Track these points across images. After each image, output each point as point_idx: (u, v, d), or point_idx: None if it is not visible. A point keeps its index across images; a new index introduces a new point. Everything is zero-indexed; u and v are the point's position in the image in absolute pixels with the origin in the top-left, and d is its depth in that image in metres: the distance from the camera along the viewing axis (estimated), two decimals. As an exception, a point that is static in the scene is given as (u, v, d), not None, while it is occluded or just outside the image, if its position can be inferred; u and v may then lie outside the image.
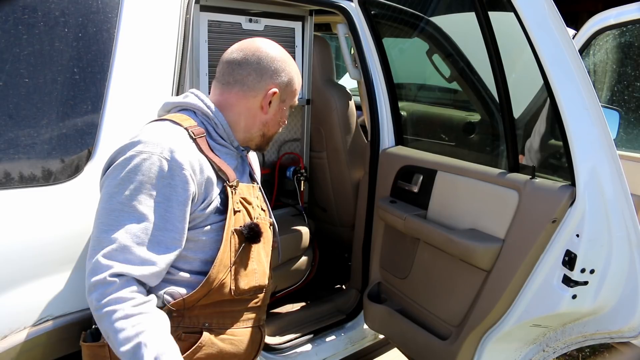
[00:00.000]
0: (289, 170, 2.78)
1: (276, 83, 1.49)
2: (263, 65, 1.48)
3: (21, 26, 1.48)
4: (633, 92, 2.94)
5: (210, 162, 1.41)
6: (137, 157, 1.30)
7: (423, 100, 3.27)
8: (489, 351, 1.97)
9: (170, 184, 1.31)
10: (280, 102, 1.52)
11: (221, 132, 1.48)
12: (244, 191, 1.51)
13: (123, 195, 1.28)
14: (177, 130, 1.39)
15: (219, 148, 1.48)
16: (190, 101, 1.47)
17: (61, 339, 1.50)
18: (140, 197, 1.29)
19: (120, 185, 1.29)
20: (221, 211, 1.43)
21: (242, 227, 1.45)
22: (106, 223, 1.28)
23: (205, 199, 1.39)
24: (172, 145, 1.33)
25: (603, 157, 1.67)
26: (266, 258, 1.59)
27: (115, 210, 1.28)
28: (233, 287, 1.45)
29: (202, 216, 1.39)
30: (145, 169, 1.29)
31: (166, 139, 1.34)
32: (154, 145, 1.32)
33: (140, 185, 1.29)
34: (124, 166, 1.30)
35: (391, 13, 2.62)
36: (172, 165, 1.31)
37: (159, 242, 1.30)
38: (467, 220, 2.04)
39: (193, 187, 1.34)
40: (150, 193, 1.29)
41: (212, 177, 1.40)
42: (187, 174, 1.33)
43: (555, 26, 1.63)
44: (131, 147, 1.33)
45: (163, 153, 1.31)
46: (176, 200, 1.32)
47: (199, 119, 1.47)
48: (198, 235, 1.40)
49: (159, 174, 1.30)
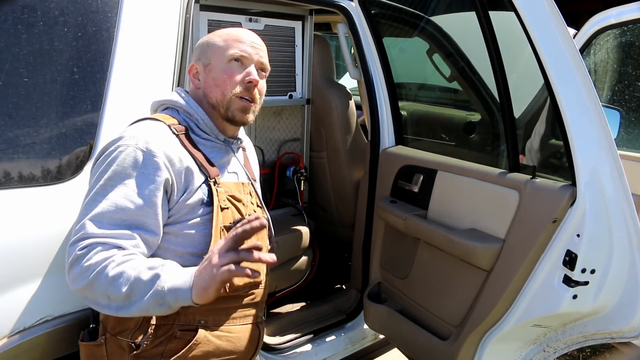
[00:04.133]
0: (289, 170, 2.78)
1: (192, 62, 1.55)
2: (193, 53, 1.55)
3: (21, 26, 1.47)
4: (634, 91, 2.94)
5: (193, 158, 1.43)
6: (115, 151, 1.35)
7: (423, 100, 3.27)
8: (490, 351, 1.97)
9: (143, 172, 1.34)
10: (204, 67, 1.51)
11: (203, 126, 1.50)
12: (232, 189, 1.51)
13: (97, 186, 1.32)
14: (156, 125, 1.43)
15: (204, 142, 1.50)
16: (172, 99, 1.51)
17: (60, 339, 1.50)
18: (112, 185, 1.32)
19: (98, 178, 1.34)
20: (208, 203, 1.44)
21: (232, 224, 1.45)
22: (81, 213, 1.32)
23: (187, 189, 1.40)
24: (147, 137, 1.37)
25: (604, 157, 1.67)
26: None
27: (90, 200, 1.32)
28: (227, 283, 1.45)
29: (187, 207, 1.40)
30: (120, 159, 1.33)
31: (143, 132, 1.38)
32: (131, 138, 1.36)
33: (112, 175, 1.33)
34: (104, 161, 1.36)
35: (391, 12, 2.62)
36: (146, 154, 1.35)
37: (129, 225, 1.31)
38: (468, 220, 2.04)
39: (166, 173, 1.36)
40: (122, 181, 1.32)
41: (193, 168, 1.42)
42: (159, 161, 1.35)
43: (555, 25, 1.63)
44: (112, 144, 1.38)
45: (138, 144, 1.35)
46: (147, 187, 1.34)
47: (182, 117, 1.50)
48: (185, 229, 1.41)
49: (133, 164, 1.33)
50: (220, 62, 1.49)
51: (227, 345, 1.49)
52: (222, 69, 1.48)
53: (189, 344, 1.40)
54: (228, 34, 1.52)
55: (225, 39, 1.50)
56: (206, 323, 1.45)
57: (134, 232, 1.31)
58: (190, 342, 1.41)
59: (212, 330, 1.45)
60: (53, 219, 1.50)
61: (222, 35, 1.52)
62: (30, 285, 1.46)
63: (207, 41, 1.53)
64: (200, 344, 1.42)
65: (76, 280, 1.25)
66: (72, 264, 1.26)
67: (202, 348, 1.43)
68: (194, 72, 1.53)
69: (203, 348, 1.43)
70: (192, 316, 1.42)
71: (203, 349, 1.43)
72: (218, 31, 1.55)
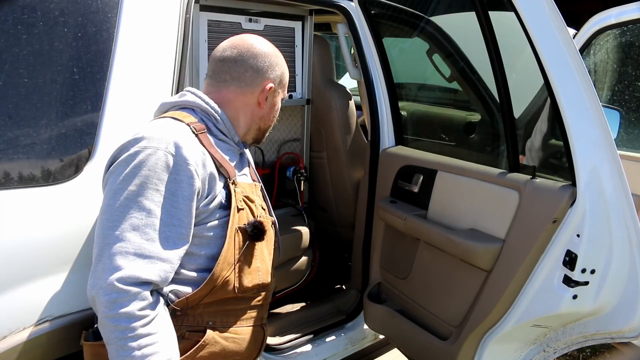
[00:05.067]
0: (289, 170, 2.78)
1: (271, 78, 1.52)
2: (259, 61, 1.50)
3: (21, 26, 1.47)
4: (634, 91, 2.94)
5: (212, 158, 1.41)
6: (142, 153, 1.29)
7: (423, 100, 3.27)
8: (490, 351, 1.97)
9: (175, 179, 1.30)
10: (275, 96, 1.56)
11: (222, 127, 1.49)
12: (247, 189, 1.51)
13: (128, 191, 1.27)
14: (179, 126, 1.39)
15: (220, 144, 1.48)
16: (188, 99, 1.48)
17: (61, 339, 1.50)
18: (146, 192, 1.27)
19: (125, 181, 1.28)
20: (225, 206, 1.43)
21: (246, 225, 1.45)
22: (111, 220, 1.26)
23: (209, 195, 1.39)
24: (176, 140, 1.32)
25: (604, 157, 1.67)
26: (269, 256, 1.59)
27: (121, 206, 1.27)
28: (237, 284, 1.45)
29: (207, 211, 1.39)
30: (151, 164, 1.28)
31: (170, 134, 1.33)
32: (159, 141, 1.31)
33: (146, 181, 1.28)
34: (129, 162, 1.29)
35: (391, 13, 2.62)
36: (178, 160, 1.31)
37: (167, 237, 1.29)
38: (468, 220, 2.04)
39: (198, 182, 1.34)
40: (157, 188, 1.28)
41: (214, 172, 1.41)
42: (192, 169, 1.32)
43: (555, 26, 1.63)
44: (135, 143, 1.32)
45: (168, 148, 1.30)
46: (182, 196, 1.31)
47: (199, 116, 1.47)
48: (203, 231, 1.40)
49: (165, 169, 1.29)
50: (281, 97, 1.60)
51: (233, 346, 1.49)
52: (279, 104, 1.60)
53: (197, 345, 1.41)
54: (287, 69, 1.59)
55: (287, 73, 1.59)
56: (214, 324, 1.45)
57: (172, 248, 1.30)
58: (198, 343, 1.41)
59: (219, 332, 1.46)
60: (53, 219, 1.50)
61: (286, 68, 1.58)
62: (30, 285, 1.46)
63: (283, 71, 1.57)
64: (208, 345, 1.42)
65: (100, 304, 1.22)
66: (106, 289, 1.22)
67: (210, 349, 1.43)
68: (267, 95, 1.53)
69: (210, 349, 1.43)
70: (200, 317, 1.42)
71: (210, 350, 1.43)
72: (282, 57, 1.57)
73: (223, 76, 1.50)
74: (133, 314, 1.22)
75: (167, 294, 1.37)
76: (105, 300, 1.22)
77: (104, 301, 1.22)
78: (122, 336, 1.22)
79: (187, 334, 1.41)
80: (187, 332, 1.40)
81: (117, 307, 1.22)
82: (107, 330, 1.23)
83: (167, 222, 1.29)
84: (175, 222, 1.31)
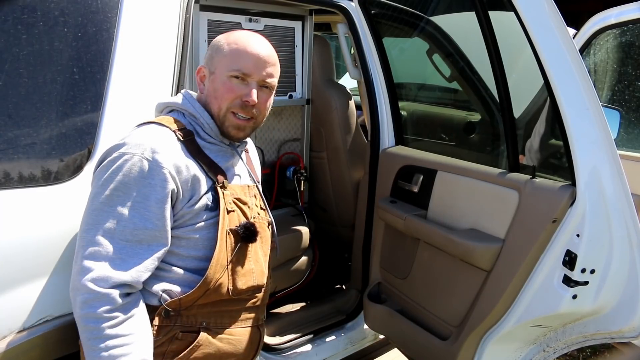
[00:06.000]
0: (289, 170, 2.78)
1: (202, 65, 1.52)
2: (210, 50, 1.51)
3: (21, 26, 1.47)
4: (634, 91, 2.94)
5: (199, 163, 1.42)
6: (120, 159, 1.33)
7: (423, 100, 3.27)
8: (490, 351, 1.97)
9: (150, 183, 1.33)
10: (210, 74, 1.49)
11: (208, 130, 1.49)
12: (238, 192, 1.51)
13: (104, 195, 1.31)
14: (161, 132, 1.40)
15: (210, 147, 1.49)
16: (178, 102, 1.50)
17: (60, 339, 1.50)
18: (120, 196, 1.31)
19: (103, 185, 1.32)
20: (212, 208, 1.43)
21: (238, 227, 1.46)
22: (88, 222, 1.31)
23: (193, 197, 1.40)
24: (154, 146, 1.34)
25: (603, 156, 1.67)
26: (264, 257, 1.59)
27: (96, 209, 1.31)
28: (231, 287, 1.45)
29: (191, 213, 1.40)
30: (126, 169, 1.32)
31: (149, 139, 1.36)
32: (137, 147, 1.34)
33: (119, 185, 1.31)
34: (108, 167, 1.33)
35: (391, 13, 2.62)
36: (152, 165, 1.33)
37: (140, 240, 1.32)
38: (467, 220, 2.04)
39: (172, 184, 1.35)
40: (130, 193, 1.31)
41: (199, 175, 1.41)
42: (166, 172, 1.34)
43: (555, 26, 1.63)
44: (116, 149, 1.35)
45: (144, 153, 1.33)
46: (154, 199, 1.33)
47: (187, 120, 1.48)
48: (189, 233, 1.41)
49: (139, 174, 1.32)
50: (222, 74, 1.45)
51: (228, 347, 1.49)
52: (222, 82, 1.45)
53: (191, 346, 1.41)
54: (236, 44, 1.46)
55: (232, 49, 1.45)
56: (208, 325, 1.45)
57: (145, 250, 1.32)
58: (192, 344, 1.41)
59: (213, 333, 1.46)
60: (53, 219, 1.50)
61: (230, 44, 1.46)
62: (30, 285, 1.46)
63: (217, 46, 1.49)
64: (202, 346, 1.42)
65: (74, 304, 1.27)
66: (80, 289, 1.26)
67: (204, 350, 1.43)
68: (202, 75, 1.51)
69: (204, 350, 1.43)
70: (194, 318, 1.42)
71: (204, 351, 1.43)
72: (231, 35, 1.49)
73: None
74: (100, 315, 1.25)
75: (160, 294, 1.38)
76: (77, 300, 1.26)
77: (77, 301, 1.26)
78: (91, 336, 1.26)
79: (181, 334, 1.41)
80: (180, 332, 1.41)
81: (85, 308, 1.25)
82: (80, 330, 1.28)
83: (140, 225, 1.32)
84: (149, 225, 1.33)
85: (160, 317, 1.37)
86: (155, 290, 1.37)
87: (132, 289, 1.32)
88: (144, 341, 1.31)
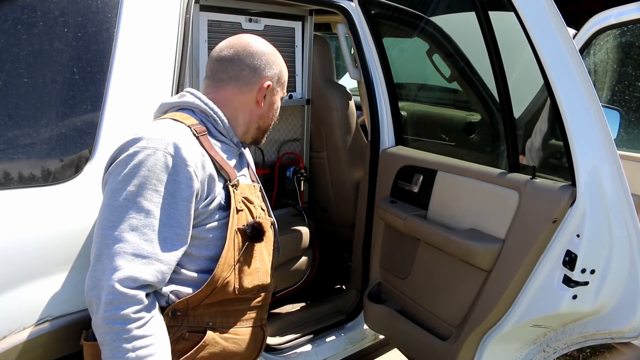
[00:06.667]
0: (289, 170, 2.78)
1: (268, 76, 1.52)
2: (255, 60, 1.50)
3: (21, 26, 1.47)
4: (634, 91, 2.94)
5: (212, 160, 1.41)
6: (141, 153, 1.29)
7: (423, 100, 3.27)
8: (490, 351, 1.97)
9: (174, 180, 1.30)
10: (274, 95, 1.56)
11: (221, 128, 1.49)
12: (246, 191, 1.51)
13: (127, 191, 1.27)
14: (179, 127, 1.39)
15: (220, 145, 1.48)
16: (187, 100, 1.48)
17: (61, 339, 1.50)
18: (145, 192, 1.27)
19: (124, 181, 1.28)
20: (224, 207, 1.43)
21: (246, 226, 1.46)
22: (110, 219, 1.26)
23: (209, 196, 1.39)
24: (176, 141, 1.32)
25: (603, 157, 1.67)
26: (268, 257, 1.59)
27: (120, 206, 1.27)
28: (237, 285, 1.45)
29: (206, 213, 1.39)
30: (150, 164, 1.28)
31: (170, 135, 1.33)
32: (158, 141, 1.31)
33: (144, 181, 1.28)
34: (128, 162, 1.29)
35: (391, 13, 2.62)
36: (177, 161, 1.31)
37: (165, 238, 1.29)
38: (467, 220, 2.04)
39: (197, 183, 1.34)
40: (156, 189, 1.28)
41: (214, 174, 1.40)
42: (191, 170, 1.32)
43: (555, 26, 1.63)
44: (134, 143, 1.32)
45: (167, 149, 1.30)
46: (180, 197, 1.31)
47: (198, 117, 1.47)
48: (202, 232, 1.40)
49: (163, 170, 1.29)
50: (280, 96, 1.59)
51: (233, 347, 1.49)
52: (279, 102, 1.60)
53: (197, 345, 1.41)
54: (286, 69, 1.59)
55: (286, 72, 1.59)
56: (214, 325, 1.45)
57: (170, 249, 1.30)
58: (198, 344, 1.41)
59: (219, 332, 1.46)
60: (53, 219, 1.50)
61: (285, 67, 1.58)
62: (30, 285, 1.46)
63: (281, 70, 1.57)
64: (208, 346, 1.43)
65: (98, 305, 1.23)
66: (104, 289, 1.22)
67: (210, 349, 1.43)
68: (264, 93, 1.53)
69: (210, 349, 1.43)
70: (200, 318, 1.42)
71: (210, 351, 1.43)
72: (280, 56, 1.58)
73: (220, 76, 1.50)
74: (129, 316, 1.23)
75: (168, 295, 1.37)
76: (102, 300, 1.22)
77: (101, 302, 1.22)
78: (117, 337, 1.23)
79: (188, 334, 1.41)
80: (187, 332, 1.40)
81: (112, 309, 1.22)
82: (102, 332, 1.24)
83: (165, 222, 1.29)
84: (174, 223, 1.31)
85: (167, 317, 1.37)
86: (164, 292, 1.37)
87: (154, 288, 1.31)
88: (165, 340, 1.31)
